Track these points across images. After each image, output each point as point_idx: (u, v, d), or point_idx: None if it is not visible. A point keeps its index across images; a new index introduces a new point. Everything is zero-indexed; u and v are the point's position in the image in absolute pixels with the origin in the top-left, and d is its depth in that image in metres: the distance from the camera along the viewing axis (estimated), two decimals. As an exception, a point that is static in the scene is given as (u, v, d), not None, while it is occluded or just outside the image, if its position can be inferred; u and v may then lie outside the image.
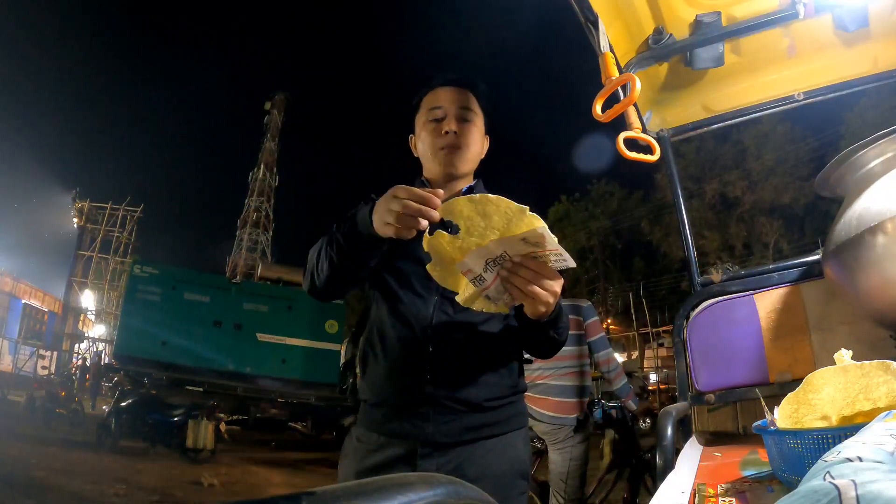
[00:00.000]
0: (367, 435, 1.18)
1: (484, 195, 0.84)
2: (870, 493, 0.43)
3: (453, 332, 1.16)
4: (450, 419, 1.13)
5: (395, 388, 1.17)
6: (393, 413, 1.16)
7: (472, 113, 1.25)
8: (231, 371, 11.61)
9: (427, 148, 1.25)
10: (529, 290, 0.92)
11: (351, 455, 1.20)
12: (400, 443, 1.13)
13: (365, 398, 1.22)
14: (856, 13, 1.55)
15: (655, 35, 1.63)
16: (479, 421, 1.15)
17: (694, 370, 1.67)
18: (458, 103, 1.24)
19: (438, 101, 1.25)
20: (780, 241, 23.72)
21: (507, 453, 1.17)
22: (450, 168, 1.23)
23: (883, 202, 1.09)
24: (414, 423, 1.13)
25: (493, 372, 1.18)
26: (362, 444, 1.18)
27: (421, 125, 1.27)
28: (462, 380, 1.15)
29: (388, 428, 1.16)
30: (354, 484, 0.37)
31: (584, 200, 30.96)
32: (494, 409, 1.17)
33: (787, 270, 1.64)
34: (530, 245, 0.87)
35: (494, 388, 1.17)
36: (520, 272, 0.91)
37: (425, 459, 1.12)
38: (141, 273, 12.04)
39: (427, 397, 1.13)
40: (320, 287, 1.14)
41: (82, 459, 6.77)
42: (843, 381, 0.79)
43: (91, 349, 27.04)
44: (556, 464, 2.85)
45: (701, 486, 0.90)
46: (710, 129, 1.99)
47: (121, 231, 29.98)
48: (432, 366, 1.14)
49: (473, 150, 1.26)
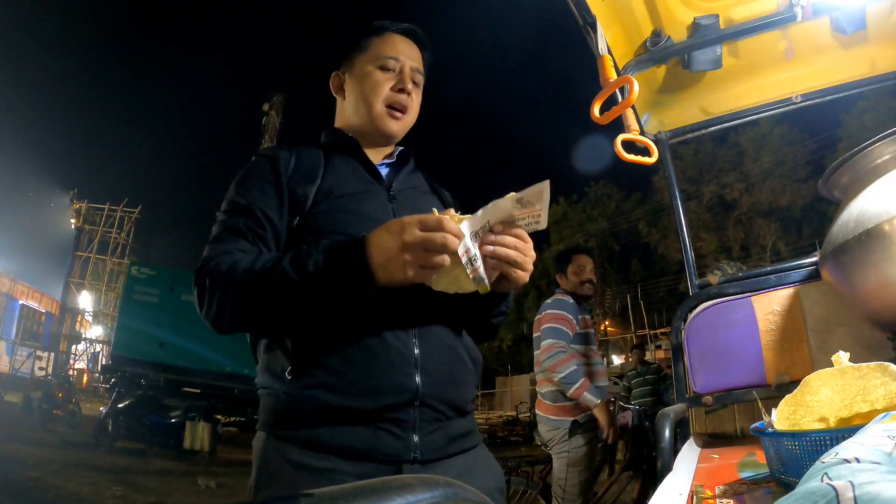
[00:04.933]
0: (315, 459, 0.84)
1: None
2: (867, 494, 0.43)
3: (433, 311, 0.94)
4: (435, 427, 0.90)
5: (372, 384, 0.86)
6: (360, 421, 0.85)
7: (421, 76, 1.11)
8: (228, 372, 11.57)
9: (370, 95, 1.06)
10: (519, 259, 0.84)
11: (289, 489, 0.82)
12: (371, 466, 0.85)
13: (303, 397, 0.86)
14: (853, 16, 1.56)
15: (653, 37, 1.64)
16: (459, 429, 0.95)
17: (691, 372, 1.67)
18: (412, 61, 1.09)
19: (395, 50, 1.07)
20: (778, 243, 23.79)
21: (490, 468, 1.01)
22: (391, 131, 1.08)
23: (880, 204, 1.09)
24: (395, 435, 0.86)
25: (464, 367, 0.98)
26: (309, 472, 0.84)
27: (366, 68, 1.07)
28: (448, 375, 0.94)
29: (356, 444, 0.85)
30: (352, 486, 0.37)
31: (582, 202, 30.99)
32: (470, 414, 1.00)
33: (784, 272, 1.64)
34: (523, 206, 0.80)
35: (469, 387, 0.99)
36: (505, 242, 0.82)
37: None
38: (138, 274, 12.02)
39: (415, 397, 0.88)
40: (241, 327, 0.90)
41: (79, 460, 6.75)
42: (840, 382, 0.79)
43: (88, 350, 27.00)
44: (556, 468, 2.81)
45: (699, 488, 0.90)
46: (708, 131, 2.00)
47: (118, 232, 29.90)
48: (421, 355, 0.90)
49: (413, 119, 1.12)
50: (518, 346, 28.37)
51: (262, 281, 0.83)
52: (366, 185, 1.03)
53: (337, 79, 1.14)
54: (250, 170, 1.01)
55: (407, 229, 0.77)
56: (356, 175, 1.04)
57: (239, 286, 0.84)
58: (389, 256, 0.77)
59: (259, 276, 0.83)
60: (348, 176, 1.02)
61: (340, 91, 1.14)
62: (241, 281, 0.84)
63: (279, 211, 0.96)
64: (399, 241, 0.76)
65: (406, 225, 0.77)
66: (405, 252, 0.76)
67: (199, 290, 0.88)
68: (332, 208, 0.96)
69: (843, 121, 20.23)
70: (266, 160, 1.01)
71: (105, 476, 5.94)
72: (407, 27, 1.11)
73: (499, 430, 14.01)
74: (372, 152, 1.09)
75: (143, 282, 11.89)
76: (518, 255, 0.84)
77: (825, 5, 1.51)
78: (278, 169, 0.99)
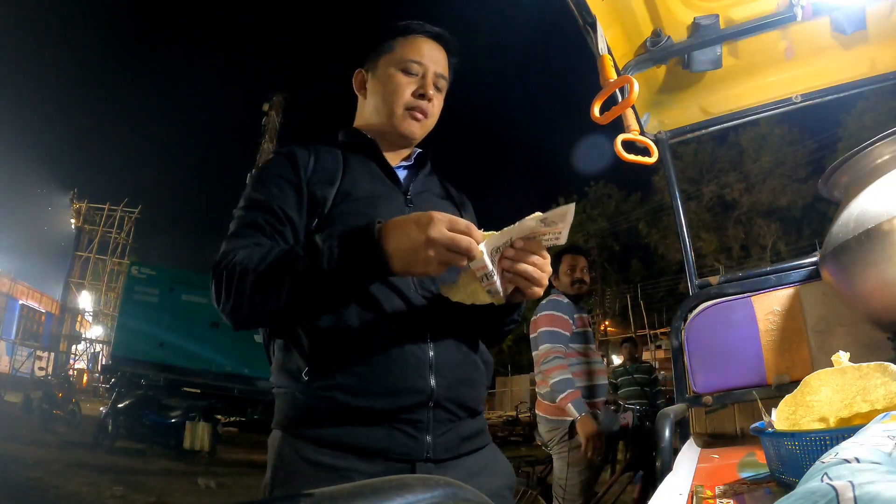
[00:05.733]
0: (331, 457, 0.86)
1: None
2: (867, 494, 0.43)
3: (446, 316, 0.95)
4: (448, 428, 0.92)
5: (389, 385, 0.88)
6: (376, 421, 0.87)
7: (444, 82, 1.11)
8: (228, 372, 11.58)
9: (390, 99, 1.06)
10: (536, 275, 0.84)
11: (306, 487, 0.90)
12: (387, 465, 0.87)
13: (320, 397, 0.87)
14: (853, 16, 1.56)
15: (653, 37, 1.64)
16: (471, 429, 0.97)
17: (691, 372, 1.67)
18: (437, 66, 1.08)
19: (420, 54, 1.07)
20: (778, 243, 23.79)
21: (500, 466, 1.03)
22: (410, 133, 1.07)
23: (880, 204, 1.09)
24: (409, 435, 0.88)
25: (476, 369, 1.00)
26: (326, 471, 0.85)
27: (389, 70, 1.07)
28: (461, 376, 0.95)
29: (372, 443, 0.86)
30: (352, 486, 0.37)
31: (582, 202, 30.97)
32: (481, 414, 1.01)
33: (784, 272, 1.65)
34: (546, 225, 0.81)
35: (481, 388, 1.01)
36: (524, 258, 0.83)
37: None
38: (138, 274, 12.04)
39: (429, 398, 0.89)
40: (259, 320, 0.90)
41: (79, 461, 6.75)
42: (840, 382, 0.79)
43: (88, 350, 27.00)
44: (556, 468, 2.81)
45: (699, 488, 0.90)
46: (708, 131, 2.00)
47: (118, 232, 29.90)
48: (435, 357, 0.92)
49: (433, 123, 1.12)
50: (518, 346, 28.36)
51: (277, 267, 0.82)
52: (383, 188, 1.03)
53: (360, 76, 1.13)
54: (269, 168, 1.00)
55: (436, 225, 0.76)
56: (374, 178, 1.03)
57: (254, 276, 0.83)
58: (413, 247, 0.77)
59: (274, 263, 0.83)
60: (366, 178, 1.02)
61: (362, 89, 1.13)
62: (257, 270, 0.83)
63: (298, 211, 0.96)
64: (425, 236, 0.76)
65: (436, 221, 0.76)
66: (429, 247, 0.76)
67: (216, 284, 0.88)
68: (349, 211, 0.95)
69: (843, 121, 20.22)
70: (285, 159, 1.00)
71: (105, 476, 5.94)
72: (435, 31, 1.10)
73: (499, 430, 14.01)
74: (390, 154, 1.09)
75: (143, 282, 11.90)
76: (535, 272, 0.84)
77: (825, 5, 1.51)
78: (298, 169, 0.98)
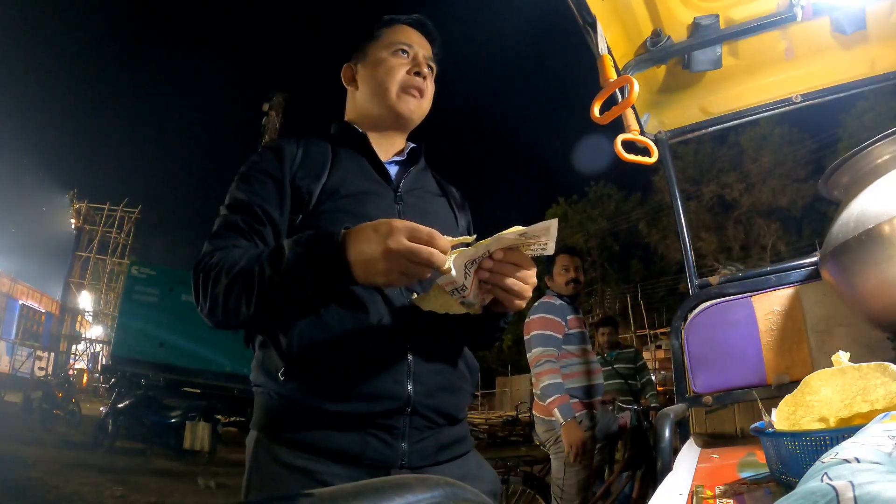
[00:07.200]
0: (305, 460, 0.84)
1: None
2: (867, 494, 0.43)
3: (429, 321, 0.90)
4: (426, 435, 0.90)
5: (365, 390, 0.86)
6: (351, 426, 0.85)
7: (433, 66, 1.11)
8: (228, 372, 11.55)
9: (385, 79, 1.04)
10: (516, 288, 0.82)
11: (281, 490, 0.84)
12: (361, 471, 0.85)
13: (295, 399, 0.86)
14: (853, 16, 1.56)
15: (653, 37, 1.64)
16: (451, 436, 0.94)
17: (691, 372, 1.67)
18: (425, 50, 1.09)
19: (408, 38, 1.07)
20: (778, 243, 23.79)
21: (483, 472, 1.00)
22: (408, 112, 1.05)
23: (880, 204, 1.09)
24: (384, 442, 0.86)
25: (459, 375, 0.98)
26: (301, 474, 0.84)
27: (380, 54, 1.06)
28: (441, 383, 0.93)
29: (346, 448, 0.85)
30: (352, 486, 0.37)
31: (582, 202, 31.02)
32: (462, 421, 0.99)
33: (784, 272, 1.65)
34: (527, 238, 0.78)
35: (464, 395, 0.98)
36: (504, 270, 0.80)
37: None
38: (138, 274, 12.00)
39: (406, 405, 0.87)
40: (233, 322, 0.86)
41: (79, 461, 6.74)
42: (840, 382, 0.79)
43: (88, 350, 26.99)
44: (554, 468, 2.81)
45: (699, 488, 0.90)
46: (708, 131, 2.00)
47: (118, 232, 29.88)
48: (414, 363, 0.90)
49: (428, 105, 1.11)
50: (518, 346, 28.24)
51: (245, 274, 0.81)
52: (372, 184, 1.01)
53: (349, 70, 1.12)
54: (253, 163, 0.99)
55: (394, 235, 0.72)
56: (363, 173, 1.02)
57: (226, 281, 0.82)
58: (370, 258, 0.74)
59: (241, 270, 0.82)
60: (355, 174, 1.00)
61: (353, 82, 1.12)
62: (229, 275, 0.82)
63: (279, 207, 0.95)
64: (382, 247, 0.72)
65: (394, 230, 0.72)
66: (387, 259, 0.72)
67: (194, 285, 0.88)
68: (335, 209, 0.94)
69: (843, 121, 20.23)
70: (271, 153, 0.99)
71: (105, 476, 5.94)
72: (417, 18, 1.10)
73: (499, 430, 14.00)
74: (382, 149, 1.06)
75: (143, 282, 11.87)
76: (515, 283, 0.81)
77: (825, 5, 1.51)
78: (283, 163, 0.97)
